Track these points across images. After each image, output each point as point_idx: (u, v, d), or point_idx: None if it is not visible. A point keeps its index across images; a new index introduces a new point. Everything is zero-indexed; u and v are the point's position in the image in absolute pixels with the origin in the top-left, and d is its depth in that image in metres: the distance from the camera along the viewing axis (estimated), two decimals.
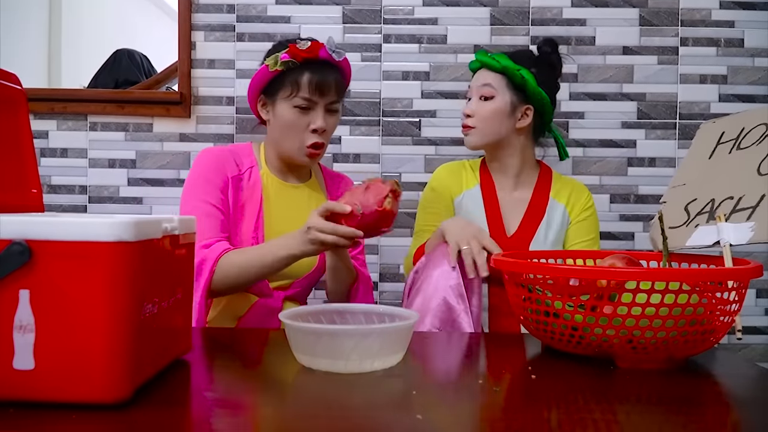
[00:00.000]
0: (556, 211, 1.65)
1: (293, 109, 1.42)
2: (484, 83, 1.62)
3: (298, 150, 1.46)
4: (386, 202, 1.21)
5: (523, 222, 1.63)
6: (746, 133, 1.21)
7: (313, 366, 0.89)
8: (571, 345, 0.97)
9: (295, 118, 1.43)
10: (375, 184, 1.23)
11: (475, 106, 1.62)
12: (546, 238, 1.62)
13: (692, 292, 0.90)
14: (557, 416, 0.73)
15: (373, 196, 1.21)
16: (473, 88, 1.65)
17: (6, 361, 0.70)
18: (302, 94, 1.41)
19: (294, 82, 1.41)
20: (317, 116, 1.43)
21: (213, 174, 1.43)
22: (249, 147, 1.54)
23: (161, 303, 0.81)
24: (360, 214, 1.21)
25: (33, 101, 2.01)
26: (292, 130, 1.44)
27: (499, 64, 1.60)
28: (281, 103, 1.44)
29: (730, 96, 2.11)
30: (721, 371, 1.00)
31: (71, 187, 2.15)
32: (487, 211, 1.64)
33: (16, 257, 0.69)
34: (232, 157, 1.47)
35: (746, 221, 1.06)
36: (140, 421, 0.68)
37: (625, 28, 2.11)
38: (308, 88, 1.41)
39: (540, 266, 1.02)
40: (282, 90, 1.43)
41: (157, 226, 0.79)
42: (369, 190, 1.22)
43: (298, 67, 1.41)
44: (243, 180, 1.47)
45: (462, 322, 1.28)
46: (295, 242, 1.28)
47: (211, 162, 1.45)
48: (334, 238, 1.22)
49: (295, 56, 1.40)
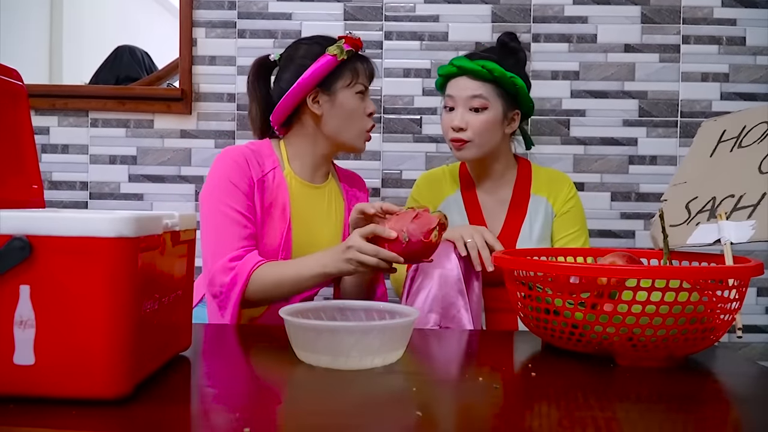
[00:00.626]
0: (538, 206, 1.62)
1: (356, 95, 1.47)
2: (474, 94, 1.53)
3: (358, 136, 1.49)
4: (433, 235, 1.18)
5: (506, 222, 1.61)
6: (747, 132, 1.21)
7: (314, 363, 0.89)
8: (572, 343, 0.97)
9: (358, 104, 1.47)
10: (424, 215, 1.20)
11: (467, 118, 1.54)
12: (531, 236, 1.60)
13: (692, 290, 0.90)
14: (557, 414, 0.73)
15: (421, 227, 1.18)
16: (457, 98, 1.55)
17: (6, 357, 0.70)
18: (361, 80, 1.48)
19: (353, 70, 1.46)
20: (369, 102, 1.51)
21: (237, 177, 1.39)
22: (269, 145, 1.50)
23: (162, 299, 0.81)
24: (406, 242, 1.18)
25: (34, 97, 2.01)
26: (355, 117, 1.47)
27: (491, 74, 1.53)
28: (343, 92, 1.46)
29: (731, 94, 2.11)
30: (722, 369, 1.00)
31: (72, 184, 2.15)
32: (469, 216, 1.63)
33: (17, 253, 0.69)
34: (254, 157, 1.44)
35: (747, 219, 1.06)
36: (140, 416, 0.69)
37: (627, 25, 2.11)
38: (365, 74, 1.49)
39: (540, 264, 1.02)
40: (342, 79, 1.46)
41: (157, 222, 0.79)
42: (417, 219, 1.19)
43: (353, 57, 1.47)
44: (267, 181, 1.44)
45: (462, 317, 1.28)
46: (331, 260, 1.26)
47: (235, 164, 1.40)
48: (376, 260, 1.19)
49: (354, 45, 1.45)
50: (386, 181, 2.13)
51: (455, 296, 1.29)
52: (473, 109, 1.54)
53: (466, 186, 1.66)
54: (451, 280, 1.30)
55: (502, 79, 1.54)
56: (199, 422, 0.72)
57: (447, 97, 1.58)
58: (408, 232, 1.17)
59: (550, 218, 1.63)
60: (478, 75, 1.54)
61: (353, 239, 1.21)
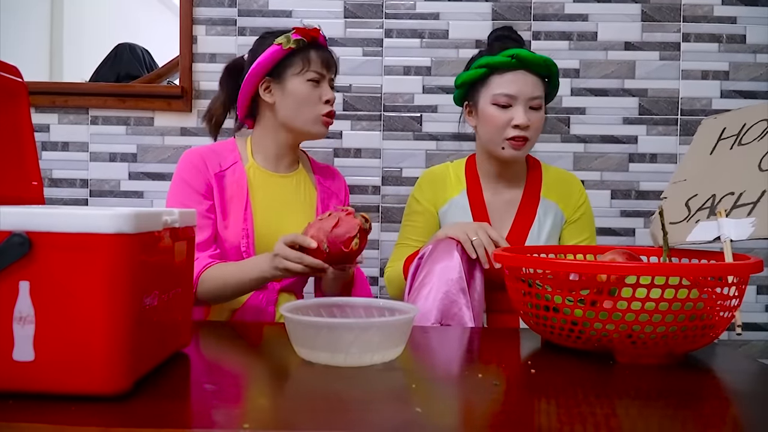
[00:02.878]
0: (548, 211, 1.59)
1: (307, 83, 1.48)
2: (535, 95, 1.49)
3: (314, 121, 1.50)
4: (353, 243, 1.21)
5: (514, 225, 1.58)
6: (747, 129, 1.21)
7: (313, 359, 0.89)
8: (571, 340, 0.97)
9: (309, 91, 1.48)
10: (346, 220, 1.22)
11: (530, 117, 1.49)
12: (539, 238, 1.57)
13: (692, 287, 0.90)
14: (556, 410, 0.73)
15: (341, 236, 1.21)
16: (519, 96, 1.48)
17: (6, 353, 0.70)
18: (314, 68, 1.48)
19: (305, 58, 1.48)
20: (327, 89, 1.51)
21: (194, 177, 1.47)
22: (232, 143, 1.57)
23: (161, 296, 0.81)
24: (326, 252, 1.21)
25: (34, 95, 2.01)
26: (307, 103, 1.49)
27: (547, 68, 1.50)
28: (293, 80, 1.48)
29: (731, 92, 2.11)
30: (721, 366, 1.00)
31: (72, 181, 2.15)
32: (475, 218, 1.58)
33: (16, 249, 0.69)
34: (214, 155, 1.51)
35: (747, 217, 1.06)
36: (140, 412, 0.69)
37: (627, 23, 2.11)
38: (319, 62, 1.49)
39: (540, 261, 1.02)
40: (292, 67, 1.48)
41: (157, 218, 0.79)
42: (339, 226, 1.22)
43: (304, 47, 1.48)
44: (227, 177, 1.50)
45: (464, 315, 1.28)
46: (266, 265, 1.31)
47: (192, 167, 1.48)
48: (301, 267, 1.24)
49: (305, 35, 1.48)
50: (386, 178, 2.13)
51: (457, 294, 1.29)
52: (532, 108, 1.50)
53: (472, 186, 1.62)
54: (453, 278, 1.30)
55: (555, 79, 1.55)
56: (198, 418, 0.72)
57: (502, 95, 1.49)
58: (328, 242, 1.21)
59: (559, 222, 1.61)
60: (539, 69, 1.50)
61: (278, 247, 1.26)
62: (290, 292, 1.54)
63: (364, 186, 2.13)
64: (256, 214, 1.48)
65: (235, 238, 1.44)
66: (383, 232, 2.13)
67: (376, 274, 2.13)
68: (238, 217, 1.46)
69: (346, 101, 2.12)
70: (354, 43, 2.12)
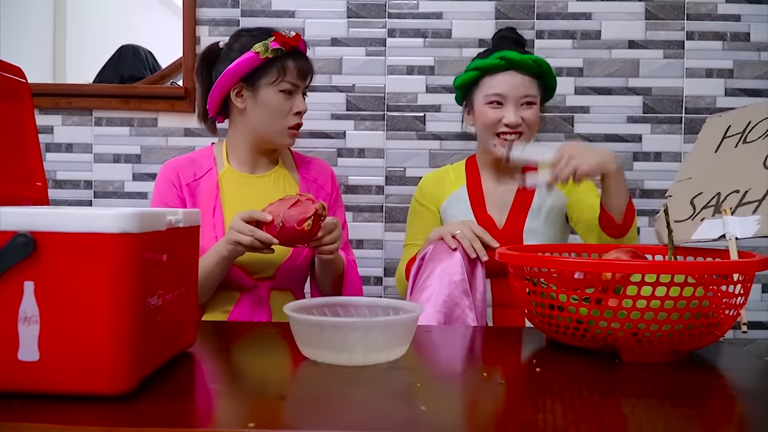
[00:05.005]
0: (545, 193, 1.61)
1: (279, 93, 1.47)
2: (525, 94, 1.55)
3: (279, 133, 1.50)
4: (306, 224, 1.24)
5: (512, 211, 1.60)
6: (752, 127, 1.20)
7: (318, 359, 0.89)
8: (576, 338, 0.97)
9: (281, 102, 1.48)
10: (305, 203, 1.26)
11: (521, 113, 1.54)
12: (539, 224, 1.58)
13: (697, 284, 0.90)
14: (562, 409, 0.73)
15: (297, 214, 1.24)
16: (508, 96, 1.55)
17: (10, 353, 0.70)
18: (288, 79, 1.47)
19: (281, 68, 1.46)
20: (299, 100, 1.50)
21: (166, 190, 1.50)
22: (210, 149, 1.58)
23: (166, 295, 0.81)
24: (280, 227, 1.24)
25: (38, 96, 2.01)
26: (277, 114, 1.48)
27: (537, 66, 1.55)
28: (266, 89, 1.47)
29: (736, 90, 2.10)
30: (726, 365, 0.99)
31: (76, 182, 2.16)
32: (474, 208, 1.62)
33: (21, 249, 0.69)
34: (189, 165, 1.53)
35: (752, 215, 1.06)
36: (144, 412, 0.69)
37: (631, 22, 2.10)
38: (295, 73, 1.47)
39: (545, 259, 1.01)
40: (266, 76, 1.47)
41: (161, 218, 0.79)
42: (296, 206, 1.25)
43: (284, 55, 1.47)
44: (201, 185, 1.51)
45: (467, 318, 1.28)
46: (222, 245, 1.33)
47: (165, 177, 1.51)
48: (250, 239, 1.26)
49: (284, 44, 1.46)
50: (390, 178, 2.13)
51: (460, 296, 1.29)
52: (524, 106, 1.56)
53: (472, 180, 1.66)
54: (455, 280, 1.30)
55: (548, 75, 1.58)
56: (203, 417, 0.72)
57: (493, 95, 1.56)
58: (283, 218, 1.24)
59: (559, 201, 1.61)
60: (528, 69, 1.55)
61: (234, 221, 1.29)
62: (282, 290, 1.53)
63: (368, 186, 2.13)
64: (228, 218, 1.48)
65: (207, 245, 1.43)
66: (387, 232, 2.13)
67: (380, 274, 2.13)
68: (208, 224, 1.47)
69: (349, 101, 2.12)
70: (357, 43, 2.11)
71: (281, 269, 1.50)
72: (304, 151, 1.95)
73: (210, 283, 1.40)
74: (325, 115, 2.12)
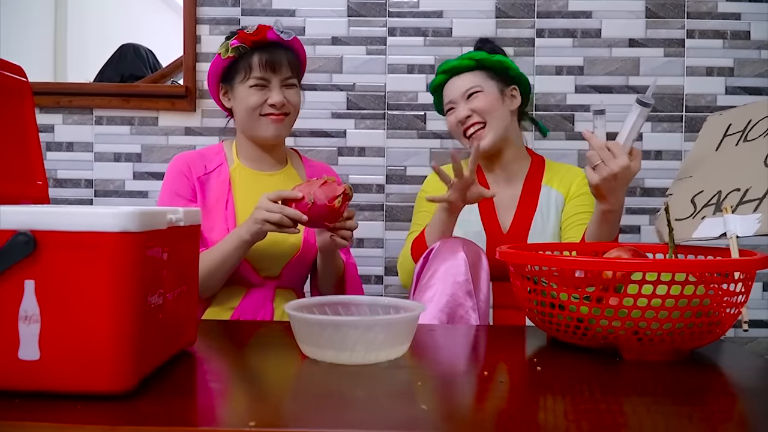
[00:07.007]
0: (550, 197, 1.63)
1: (250, 89, 1.48)
2: (467, 87, 1.61)
3: (258, 125, 1.51)
4: (336, 201, 1.27)
5: (517, 215, 1.61)
6: (753, 125, 1.20)
7: (318, 357, 0.89)
8: (577, 337, 0.97)
9: (255, 97, 1.49)
10: (331, 184, 1.29)
11: (469, 105, 1.60)
12: (544, 229, 1.59)
13: (698, 283, 0.90)
14: (563, 408, 0.73)
15: (327, 192, 1.27)
16: (454, 98, 1.62)
17: (11, 352, 0.70)
18: (255, 74, 1.47)
19: (246, 64, 1.48)
20: (275, 92, 1.49)
21: (178, 183, 1.50)
22: (219, 146, 1.60)
23: (166, 294, 0.81)
24: (311, 204, 1.26)
25: (39, 95, 2.01)
26: (253, 109, 1.49)
27: (475, 60, 1.61)
28: (239, 87, 1.50)
29: (736, 88, 2.10)
30: (727, 363, 0.99)
31: (77, 181, 2.16)
32: (481, 211, 1.62)
33: (21, 247, 0.69)
34: (200, 159, 1.54)
35: (753, 213, 1.05)
36: (145, 411, 0.69)
37: (631, 20, 2.10)
38: (260, 67, 1.47)
39: (545, 258, 1.01)
40: (237, 75, 1.49)
41: (161, 217, 0.79)
42: (325, 186, 1.28)
43: (249, 51, 1.48)
44: (211, 179, 1.52)
45: (470, 319, 1.27)
46: (244, 227, 1.33)
47: (177, 169, 1.52)
48: (279, 216, 1.26)
49: (244, 41, 1.47)
50: (390, 177, 2.13)
51: (463, 297, 1.28)
52: (471, 98, 1.60)
53: (479, 182, 1.64)
54: (459, 281, 1.29)
55: (487, 61, 1.61)
56: (204, 416, 0.72)
57: (447, 104, 1.65)
58: (314, 195, 1.26)
59: (561, 208, 1.62)
60: (465, 68, 1.61)
61: (261, 200, 1.30)
62: (286, 289, 1.54)
63: (368, 185, 2.13)
64: (240, 213, 1.49)
65: (218, 238, 1.45)
66: (387, 230, 2.13)
67: (381, 273, 2.13)
68: (220, 217, 1.48)
69: (349, 100, 2.12)
70: (357, 42, 2.11)
71: (288, 267, 1.51)
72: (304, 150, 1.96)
73: (225, 270, 1.40)
74: (325, 113, 2.12)
